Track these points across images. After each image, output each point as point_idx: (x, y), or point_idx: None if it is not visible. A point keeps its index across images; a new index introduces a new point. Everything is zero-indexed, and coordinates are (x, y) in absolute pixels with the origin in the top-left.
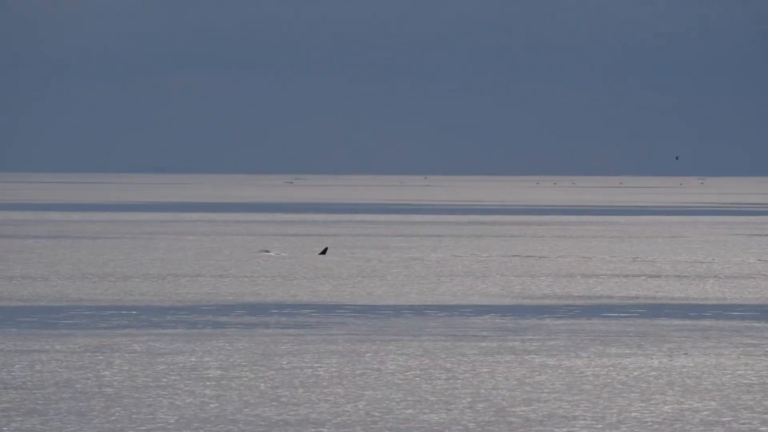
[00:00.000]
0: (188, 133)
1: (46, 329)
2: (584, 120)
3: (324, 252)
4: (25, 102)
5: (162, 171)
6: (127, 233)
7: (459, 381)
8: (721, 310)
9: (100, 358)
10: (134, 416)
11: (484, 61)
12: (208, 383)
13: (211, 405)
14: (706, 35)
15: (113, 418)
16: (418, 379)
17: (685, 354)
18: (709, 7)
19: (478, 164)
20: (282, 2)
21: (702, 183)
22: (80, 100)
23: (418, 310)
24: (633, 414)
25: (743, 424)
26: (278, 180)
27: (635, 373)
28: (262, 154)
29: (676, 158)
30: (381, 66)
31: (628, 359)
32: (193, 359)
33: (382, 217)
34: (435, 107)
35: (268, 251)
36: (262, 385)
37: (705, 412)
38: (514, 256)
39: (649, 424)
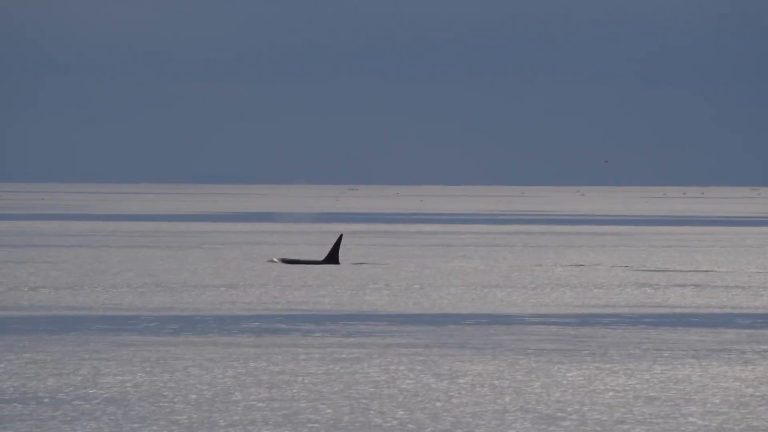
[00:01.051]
0: (235, 143)
1: (109, 336)
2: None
3: (337, 246)
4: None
5: (210, 181)
6: (185, 243)
7: (511, 389)
8: None
9: (161, 364)
10: (194, 424)
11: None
12: (271, 390)
13: (276, 411)
14: None
15: (173, 424)
16: (474, 386)
17: (748, 364)
18: None
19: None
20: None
21: (759, 193)
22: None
23: (475, 319)
24: (690, 424)
25: None
26: (334, 190)
27: (694, 384)
28: (316, 164)
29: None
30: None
31: (686, 370)
32: (254, 365)
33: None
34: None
35: (290, 259)
36: (325, 390)
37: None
38: (574, 265)
39: None
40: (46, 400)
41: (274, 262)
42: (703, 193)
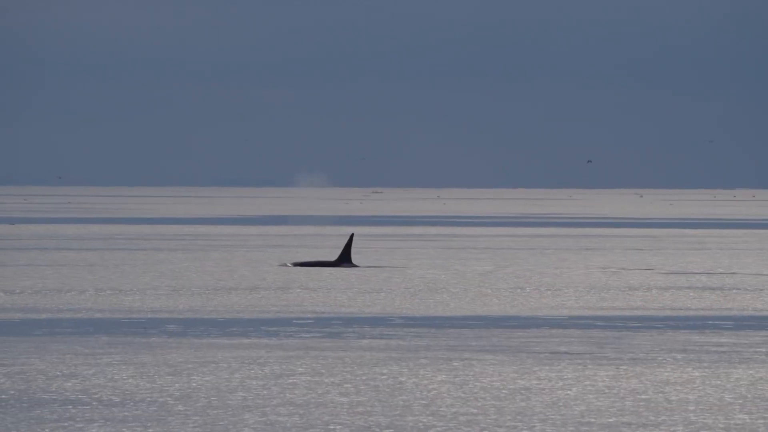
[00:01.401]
0: (237, 144)
1: (132, 338)
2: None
3: (348, 246)
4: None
5: (213, 184)
6: (203, 246)
7: (535, 391)
8: None
9: (183, 367)
10: (215, 427)
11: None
12: (293, 393)
13: (295, 415)
14: None
15: (194, 425)
16: (499, 389)
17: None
18: None
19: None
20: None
21: None
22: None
23: (497, 322)
24: (715, 427)
25: None
26: (359, 193)
27: (719, 387)
28: (341, 168)
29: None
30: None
31: (712, 372)
32: (280, 368)
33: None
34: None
35: (303, 262)
36: (350, 395)
37: None
38: (599, 268)
39: None
40: (71, 401)
41: (287, 266)
42: (754, 196)
